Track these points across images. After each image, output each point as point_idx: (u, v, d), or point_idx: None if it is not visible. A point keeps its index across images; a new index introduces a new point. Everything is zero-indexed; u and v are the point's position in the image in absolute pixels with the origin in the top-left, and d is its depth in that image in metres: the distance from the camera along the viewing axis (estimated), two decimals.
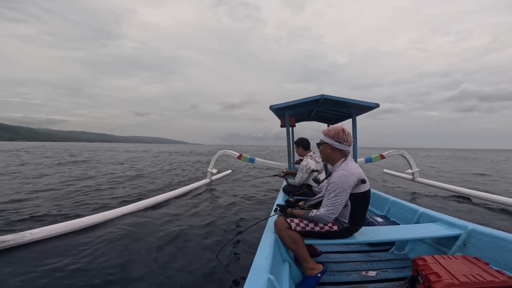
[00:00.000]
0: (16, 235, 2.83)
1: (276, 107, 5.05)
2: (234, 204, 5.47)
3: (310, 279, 1.83)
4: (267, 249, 1.65)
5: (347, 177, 1.76)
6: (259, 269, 1.37)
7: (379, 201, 3.63)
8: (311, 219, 1.83)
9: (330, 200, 1.76)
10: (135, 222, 3.90)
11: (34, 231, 2.97)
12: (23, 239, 2.82)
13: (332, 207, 1.74)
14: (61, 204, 5.04)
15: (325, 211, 1.75)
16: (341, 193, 1.74)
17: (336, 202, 1.74)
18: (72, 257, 2.66)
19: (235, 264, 2.65)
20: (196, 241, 3.25)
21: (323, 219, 1.76)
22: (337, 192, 1.74)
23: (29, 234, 2.89)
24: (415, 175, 7.72)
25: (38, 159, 17.18)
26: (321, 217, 1.76)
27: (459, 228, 2.10)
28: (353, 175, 1.78)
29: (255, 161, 7.35)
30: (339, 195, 1.74)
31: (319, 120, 7.67)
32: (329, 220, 1.78)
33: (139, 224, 3.81)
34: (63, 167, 12.03)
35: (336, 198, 1.74)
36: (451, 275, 1.41)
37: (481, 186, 8.46)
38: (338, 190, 1.74)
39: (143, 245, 3.06)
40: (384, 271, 2.10)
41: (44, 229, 3.07)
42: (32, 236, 2.89)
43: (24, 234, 2.88)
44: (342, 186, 1.74)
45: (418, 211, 2.71)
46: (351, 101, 5.06)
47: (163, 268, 2.53)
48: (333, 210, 1.74)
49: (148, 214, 4.44)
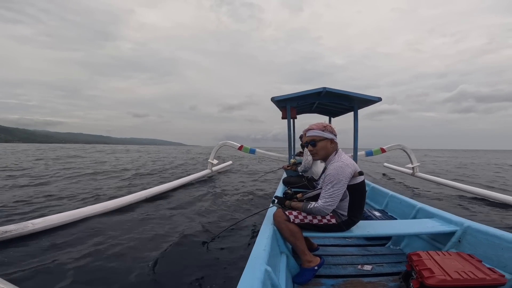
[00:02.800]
0: (18, 225, 2.87)
1: (278, 99, 5.06)
2: (233, 195, 5.51)
3: (307, 271, 1.86)
4: (265, 241, 1.66)
5: (343, 168, 1.76)
6: (257, 260, 1.38)
7: (377, 195, 3.64)
8: (309, 211, 1.84)
9: (327, 192, 1.76)
10: (135, 213, 3.96)
11: (36, 221, 3.02)
12: (25, 229, 2.87)
13: (329, 199, 1.74)
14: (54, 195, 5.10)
15: (323, 203, 1.75)
16: (337, 184, 1.74)
17: (334, 194, 1.74)
18: (73, 247, 2.73)
19: (233, 255, 2.69)
20: (195, 232, 3.29)
21: (321, 211, 1.77)
22: (333, 183, 1.75)
23: (31, 224, 2.94)
24: (415, 170, 7.72)
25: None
26: (319, 209, 1.76)
27: (455, 224, 2.11)
28: (348, 166, 1.79)
29: (256, 152, 7.35)
30: (336, 186, 1.74)
31: (321, 113, 7.61)
32: (327, 212, 1.77)
33: (138, 215, 3.87)
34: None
35: (333, 189, 1.74)
36: (444, 272, 1.43)
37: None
38: (334, 182, 1.74)
39: (141, 235, 3.12)
40: (380, 265, 2.12)
41: (46, 219, 3.12)
42: (34, 226, 2.94)
43: (26, 224, 2.93)
44: (338, 177, 1.74)
45: (416, 206, 2.72)
46: (354, 95, 5.03)
47: (160, 259, 2.57)
48: (330, 202, 1.75)
49: (149, 204, 4.49)
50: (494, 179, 9.37)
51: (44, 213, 3.84)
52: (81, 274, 2.26)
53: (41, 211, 4.04)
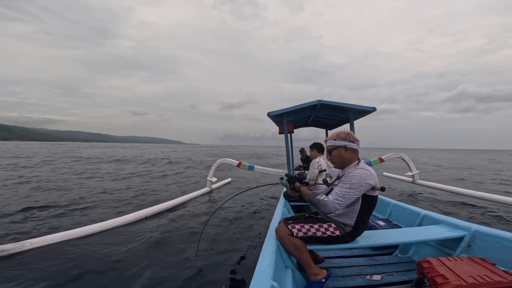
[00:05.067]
0: (15, 244, 2.79)
1: (274, 114, 4.98)
2: (233, 212, 5.43)
3: (314, 284, 1.80)
4: (269, 256, 1.62)
5: (367, 176, 1.72)
6: (262, 276, 1.34)
7: (380, 205, 3.62)
8: (316, 201, 1.78)
9: (342, 190, 1.70)
10: (133, 233, 3.86)
11: (33, 241, 2.94)
12: (22, 248, 2.78)
13: (341, 198, 1.68)
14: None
15: (334, 199, 1.69)
16: (356, 188, 1.69)
17: (348, 195, 1.69)
18: (70, 265, 2.64)
19: (237, 271, 2.62)
20: (196, 250, 3.22)
21: (327, 206, 1.69)
22: (353, 185, 1.69)
23: (28, 244, 2.86)
24: (415, 177, 7.73)
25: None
26: (326, 203, 1.70)
27: (463, 229, 2.09)
28: (373, 176, 1.75)
29: (254, 168, 7.30)
30: (354, 189, 1.69)
31: (317, 126, 7.67)
32: (332, 210, 1.70)
33: (136, 235, 3.77)
34: None
35: (349, 191, 1.69)
36: (458, 277, 1.40)
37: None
38: (355, 185, 1.69)
39: (141, 257, 3.01)
40: (389, 274, 2.08)
41: (44, 239, 3.03)
42: (31, 245, 2.86)
43: (24, 243, 2.85)
44: (360, 182, 1.70)
45: (420, 213, 2.70)
46: (349, 106, 5.07)
47: (161, 277, 2.50)
48: (341, 201, 1.68)
49: (148, 223, 4.39)
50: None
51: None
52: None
53: None
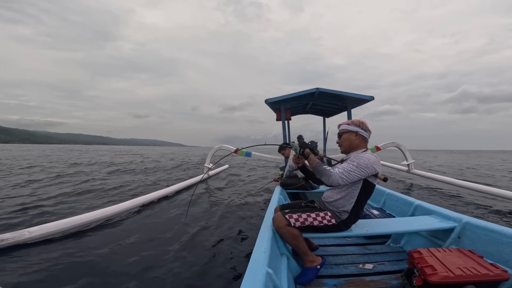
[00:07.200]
0: (14, 233, 2.81)
1: (272, 101, 5.11)
2: (229, 199, 5.50)
3: (309, 270, 1.85)
4: (265, 243, 1.65)
5: (375, 161, 1.76)
6: (257, 263, 1.37)
7: (375, 194, 3.65)
8: (321, 170, 1.79)
9: (349, 167, 1.73)
10: (131, 220, 3.92)
11: (32, 229, 2.96)
12: (21, 237, 2.81)
13: (346, 173, 1.71)
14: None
15: (339, 172, 1.71)
16: (363, 168, 1.72)
17: (353, 172, 1.71)
18: (69, 254, 2.69)
19: (234, 258, 2.68)
20: (195, 238, 3.28)
21: (331, 176, 1.72)
22: (360, 165, 1.72)
23: (27, 232, 2.88)
24: (410, 167, 7.82)
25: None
26: (331, 175, 1.73)
27: (454, 220, 2.13)
28: (379, 163, 1.79)
29: (251, 155, 7.36)
30: (360, 168, 1.71)
31: (315, 113, 7.66)
32: (335, 183, 1.72)
33: (135, 222, 3.83)
34: None
35: (356, 169, 1.71)
36: (446, 268, 1.44)
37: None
38: (362, 165, 1.72)
39: (140, 244, 3.09)
40: (381, 263, 2.13)
41: (43, 227, 3.05)
42: (30, 234, 2.88)
43: (23, 232, 2.87)
44: (368, 164, 1.72)
45: (414, 203, 2.74)
46: (346, 94, 5.08)
47: (161, 264, 2.56)
48: (345, 176, 1.71)
49: (145, 211, 4.45)
50: None
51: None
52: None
53: None
